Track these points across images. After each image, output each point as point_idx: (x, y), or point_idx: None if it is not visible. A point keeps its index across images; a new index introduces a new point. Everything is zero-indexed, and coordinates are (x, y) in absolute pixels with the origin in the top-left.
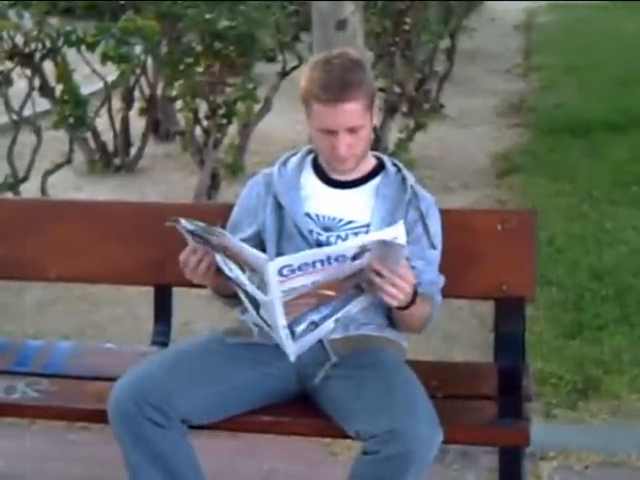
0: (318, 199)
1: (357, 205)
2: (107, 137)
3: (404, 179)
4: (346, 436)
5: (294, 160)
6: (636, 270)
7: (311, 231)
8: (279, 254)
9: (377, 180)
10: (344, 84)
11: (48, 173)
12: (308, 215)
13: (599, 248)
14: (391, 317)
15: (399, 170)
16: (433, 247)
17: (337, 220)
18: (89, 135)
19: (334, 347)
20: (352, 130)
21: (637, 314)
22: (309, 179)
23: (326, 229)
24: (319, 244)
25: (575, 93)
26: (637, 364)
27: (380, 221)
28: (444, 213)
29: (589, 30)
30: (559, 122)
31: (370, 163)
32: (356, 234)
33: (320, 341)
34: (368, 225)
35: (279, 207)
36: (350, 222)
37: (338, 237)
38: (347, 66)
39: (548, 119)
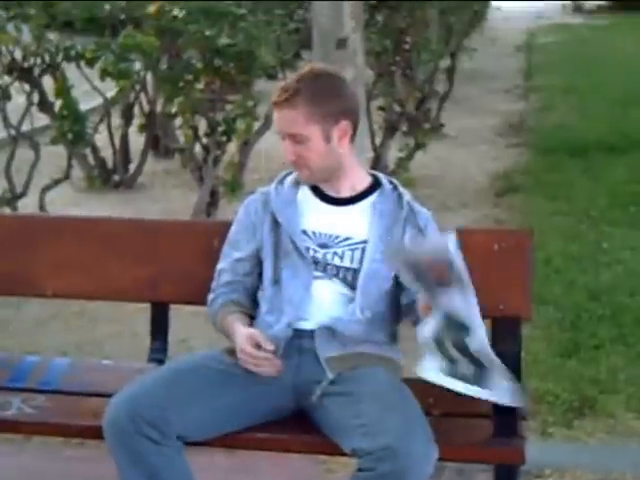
0: (314, 216)
1: (354, 222)
2: (106, 153)
3: (400, 196)
4: (342, 453)
5: (290, 178)
6: (633, 290)
7: (308, 248)
8: (276, 269)
9: (373, 197)
10: (286, 90)
11: (46, 189)
12: (305, 232)
13: (596, 268)
14: (389, 334)
15: (395, 187)
16: None
17: (333, 237)
18: (88, 151)
19: (331, 365)
20: (294, 138)
21: (633, 334)
22: (305, 196)
23: (322, 246)
24: (316, 261)
25: (574, 114)
26: (633, 383)
27: (377, 238)
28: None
29: (589, 51)
30: (558, 142)
31: (366, 181)
32: (353, 250)
33: (317, 359)
34: (365, 242)
35: (276, 224)
36: (347, 239)
37: (335, 254)
38: (305, 76)
39: (547, 139)
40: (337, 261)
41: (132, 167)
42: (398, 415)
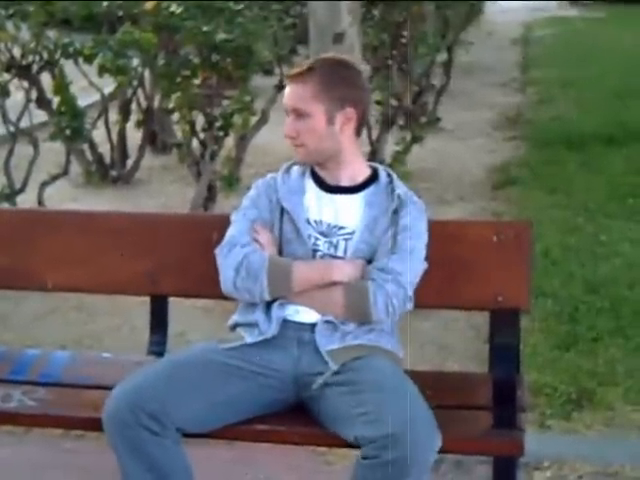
0: (316, 205)
1: (348, 212)
2: (104, 149)
3: (393, 189)
4: (342, 445)
5: (297, 168)
6: (631, 282)
7: (310, 236)
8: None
9: (369, 189)
10: (302, 67)
11: (45, 184)
12: (307, 221)
13: (594, 260)
14: (388, 326)
15: (391, 181)
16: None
17: (332, 226)
18: (86, 147)
19: (332, 357)
20: (297, 113)
21: (632, 326)
22: (309, 186)
23: (322, 234)
24: (315, 250)
25: (571, 106)
26: (631, 376)
27: (364, 228)
28: (440, 224)
29: (586, 44)
30: (555, 135)
31: (365, 173)
32: (346, 240)
33: (318, 352)
34: (353, 232)
35: (282, 213)
36: (341, 228)
37: (330, 243)
38: (323, 60)
39: (544, 132)
40: (332, 250)
41: (130, 162)
42: (401, 402)
